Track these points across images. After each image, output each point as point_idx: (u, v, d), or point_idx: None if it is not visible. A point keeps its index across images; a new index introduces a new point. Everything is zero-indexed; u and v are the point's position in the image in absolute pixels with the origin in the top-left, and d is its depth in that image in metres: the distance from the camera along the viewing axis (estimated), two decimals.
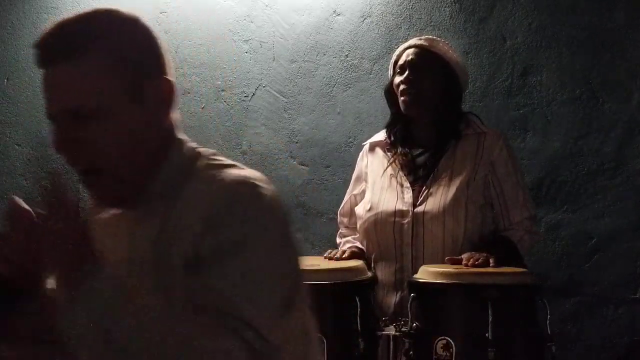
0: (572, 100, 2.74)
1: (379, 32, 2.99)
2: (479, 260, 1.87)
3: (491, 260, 1.87)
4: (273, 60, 3.13)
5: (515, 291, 1.77)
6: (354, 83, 3.02)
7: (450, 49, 2.18)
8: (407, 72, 2.10)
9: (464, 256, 1.92)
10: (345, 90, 3.03)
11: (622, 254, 2.64)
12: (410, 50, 2.14)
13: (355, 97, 3.00)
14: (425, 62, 2.11)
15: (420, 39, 2.17)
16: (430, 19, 2.93)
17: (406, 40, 2.30)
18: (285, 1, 3.13)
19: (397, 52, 2.20)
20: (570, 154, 2.72)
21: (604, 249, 2.67)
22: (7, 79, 3.40)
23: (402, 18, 2.97)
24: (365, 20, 3.02)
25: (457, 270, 1.81)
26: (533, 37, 2.80)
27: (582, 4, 2.74)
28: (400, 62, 2.14)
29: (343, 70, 3.04)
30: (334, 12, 3.06)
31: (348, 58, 3.04)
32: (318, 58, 3.08)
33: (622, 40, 2.69)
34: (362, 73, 2.99)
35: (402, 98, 2.11)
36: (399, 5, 2.98)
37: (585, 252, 2.69)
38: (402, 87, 2.10)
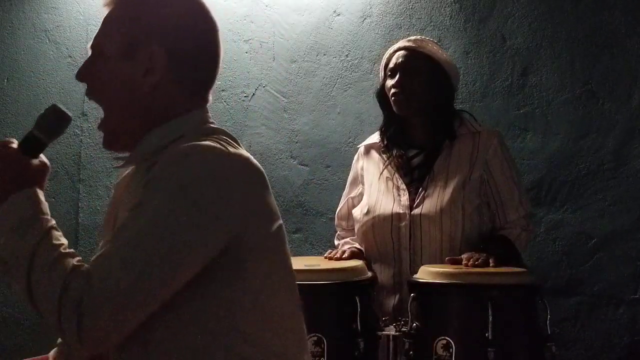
0: (572, 100, 2.74)
1: (379, 32, 2.99)
2: (479, 261, 1.87)
3: (491, 261, 1.87)
4: (273, 60, 3.13)
5: (515, 291, 1.77)
6: (354, 83, 3.02)
7: (439, 48, 2.18)
8: (397, 75, 2.10)
9: (464, 256, 1.92)
10: (345, 90, 3.03)
11: (622, 254, 2.64)
12: (400, 53, 2.14)
13: (355, 97, 3.00)
14: (415, 63, 2.11)
15: (409, 40, 2.16)
16: (430, 19, 2.93)
17: None
18: (285, 1, 3.13)
19: (386, 54, 2.20)
20: (570, 154, 2.72)
21: (604, 249, 2.67)
22: (7, 79, 3.40)
23: (402, 18, 2.97)
24: (365, 20, 3.02)
25: (457, 270, 1.82)
26: (533, 37, 2.80)
27: (582, 4, 2.74)
28: (391, 65, 2.15)
29: (343, 70, 3.04)
30: (334, 12, 3.06)
31: (348, 58, 3.04)
32: (318, 58, 3.08)
33: (622, 40, 2.69)
34: (362, 73, 2.99)
35: (393, 99, 2.11)
36: (399, 5, 2.98)
37: (585, 252, 2.69)
38: (393, 90, 2.11)
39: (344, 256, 2.07)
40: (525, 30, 2.81)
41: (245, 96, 3.17)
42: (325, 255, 2.14)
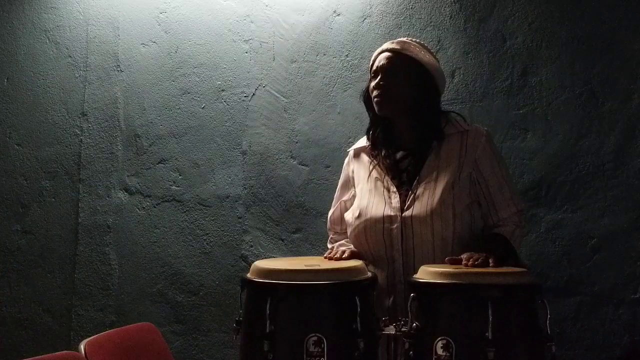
0: (572, 100, 2.74)
1: (379, 32, 2.99)
2: (479, 260, 1.87)
3: (491, 260, 1.87)
4: (273, 60, 3.14)
5: (515, 291, 1.76)
6: (354, 83, 3.02)
7: (422, 49, 2.17)
8: (379, 77, 2.13)
9: (464, 256, 1.92)
10: (345, 90, 3.04)
11: (622, 254, 2.65)
12: (383, 55, 2.16)
13: (355, 97, 3.00)
14: (397, 65, 2.12)
15: (393, 43, 2.17)
16: (430, 19, 2.93)
17: None
18: (285, 1, 3.13)
19: (372, 56, 2.21)
20: (570, 154, 2.72)
21: (604, 249, 2.67)
22: (7, 79, 3.41)
23: (402, 18, 2.97)
24: (365, 20, 3.02)
25: (457, 270, 1.81)
26: (533, 37, 2.80)
27: (582, 3, 2.74)
28: (374, 67, 2.17)
29: (343, 70, 3.05)
30: (334, 12, 3.07)
31: (348, 58, 3.04)
32: (318, 58, 3.08)
33: (622, 40, 2.69)
34: (362, 73, 2.99)
35: (375, 100, 2.13)
36: (399, 5, 2.98)
37: (585, 252, 2.69)
38: (375, 92, 2.13)
39: (344, 256, 2.07)
40: (525, 30, 2.81)
41: (245, 96, 3.17)
42: (325, 255, 2.14)
